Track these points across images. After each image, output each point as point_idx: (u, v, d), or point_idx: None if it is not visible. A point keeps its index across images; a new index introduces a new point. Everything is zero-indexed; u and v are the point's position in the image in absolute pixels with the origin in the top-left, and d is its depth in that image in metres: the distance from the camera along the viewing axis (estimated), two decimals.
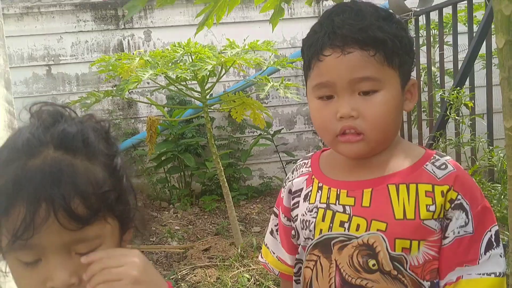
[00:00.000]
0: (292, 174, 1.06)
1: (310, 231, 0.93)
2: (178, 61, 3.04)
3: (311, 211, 0.94)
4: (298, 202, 0.99)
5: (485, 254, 0.85)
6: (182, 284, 2.90)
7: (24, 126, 0.71)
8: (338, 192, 0.92)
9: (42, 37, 4.76)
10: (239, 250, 3.24)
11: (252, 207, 4.59)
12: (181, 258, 3.33)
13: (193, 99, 4.18)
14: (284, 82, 3.22)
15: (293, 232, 1.01)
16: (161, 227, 4.02)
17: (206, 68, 2.87)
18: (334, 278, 0.90)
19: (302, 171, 1.03)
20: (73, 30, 4.79)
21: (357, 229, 0.88)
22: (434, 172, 0.88)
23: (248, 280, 2.84)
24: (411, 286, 0.86)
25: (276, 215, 1.09)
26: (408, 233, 0.85)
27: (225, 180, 3.43)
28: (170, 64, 3.03)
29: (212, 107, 3.88)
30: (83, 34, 4.82)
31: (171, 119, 4.45)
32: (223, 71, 3.30)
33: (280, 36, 4.93)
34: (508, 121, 1.02)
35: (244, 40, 3.22)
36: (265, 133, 4.89)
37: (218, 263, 3.12)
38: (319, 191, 0.95)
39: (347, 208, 0.90)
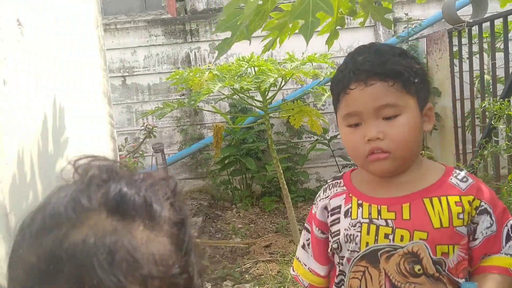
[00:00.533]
0: (325, 192, 1.14)
1: (356, 244, 1.03)
2: (243, 74, 3.36)
3: (355, 226, 1.03)
4: (338, 218, 1.08)
5: (505, 244, 1.02)
6: (246, 276, 3.21)
7: (66, 185, 0.54)
8: (379, 208, 1.02)
9: (118, 51, 5.26)
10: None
11: (309, 208, 4.81)
12: (244, 253, 3.65)
13: (253, 107, 4.50)
14: None
15: (334, 245, 1.08)
16: (225, 225, 4.37)
17: (269, 81, 3.17)
18: (384, 285, 1.01)
19: (336, 190, 1.11)
20: (146, 44, 5.25)
21: (401, 240, 0.99)
22: (458, 184, 1.02)
23: None
24: (449, 285, 1.00)
25: (308, 231, 1.17)
26: (445, 239, 0.98)
27: (285, 182, 3.71)
28: (236, 77, 3.35)
29: (271, 114, 4.18)
30: (154, 48, 5.28)
31: (234, 126, 4.78)
32: (283, 82, 3.59)
33: (337, 46, 5.16)
34: None
35: (303, 53, 3.50)
36: (322, 138, 5.13)
37: (279, 258, 3.41)
38: (360, 208, 1.04)
39: (389, 221, 1.00)
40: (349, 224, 1.04)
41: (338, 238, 1.07)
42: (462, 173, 1.04)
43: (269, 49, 2.06)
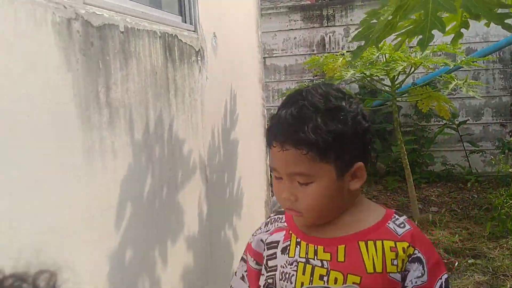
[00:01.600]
0: (266, 227, 1.12)
1: (291, 283, 1.01)
2: (374, 62, 3.68)
3: (291, 264, 1.01)
4: (275, 253, 1.06)
5: None
6: None
7: None
8: (316, 248, 1.00)
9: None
10: (416, 222, 3.80)
11: (432, 190, 5.02)
12: None
13: (382, 90, 4.77)
14: (468, 80, 3.62)
15: (269, 280, 1.07)
16: None
17: (397, 69, 3.46)
18: None
19: (277, 225, 1.09)
20: (285, 29, 5.76)
21: (335, 282, 0.97)
22: (395, 230, 0.99)
23: None
24: None
25: (245, 261, 1.15)
26: (378, 285, 0.95)
27: (408, 163, 3.99)
28: (367, 64, 3.69)
29: (399, 98, 4.43)
30: (292, 32, 5.76)
31: (366, 108, 5.11)
32: (412, 69, 3.83)
33: (473, 32, 5.15)
34: None
35: (434, 42, 3.70)
36: (451, 123, 5.21)
37: None
38: (298, 246, 1.02)
39: (325, 263, 0.98)
40: (286, 262, 1.03)
41: (274, 275, 1.06)
42: (401, 219, 1.02)
43: (398, 49, 2.41)
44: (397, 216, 1.03)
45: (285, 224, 1.08)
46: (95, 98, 1.21)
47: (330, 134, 0.92)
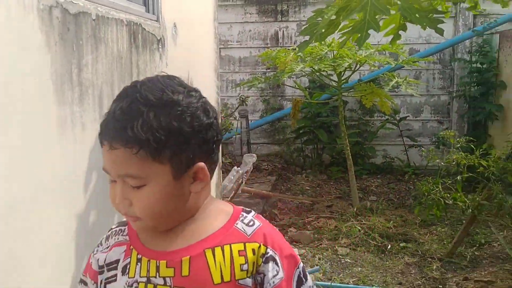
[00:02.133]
0: (107, 241, 0.99)
1: None
2: (323, 57, 3.93)
3: (131, 286, 0.90)
4: (115, 275, 0.93)
5: None
6: (308, 226, 3.86)
7: None
8: (158, 264, 0.89)
9: None
10: (355, 209, 4.10)
11: (372, 180, 5.36)
12: (309, 209, 4.30)
13: (329, 84, 5.05)
14: (408, 79, 3.94)
15: None
16: (294, 186, 5.03)
17: (343, 65, 3.72)
18: None
19: (118, 239, 0.97)
20: (241, 21, 5.93)
21: None
22: (244, 230, 0.91)
23: (359, 230, 3.70)
24: None
25: (85, 284, 1.00)
26: None
27: (350, 154, 4.28)
28: (316, 59, 3.93)
29: (346, 93, 4.73)
30: (247, 25, 5.94)
31: (310, 100, 5.38)
32: (358, 66, 4.11)
33: (416, 33, 5.51)
34: None
35: (378, 42, 3.99)
36: (392, 119, 5.57)
37: (337, 216, 4.02)
38: (139, 264, 0.91)
39: (168, 280, 0.88)
40: (126, 284, 0.91)
41: None
42: (249, 216, 0.94)
43: (342, 46, 2.64)
44: (245, 214, 0.95)
45: (127, 237, 0.96)
46: (69, 77, 1.35)
47: (163, 131, 0.82)
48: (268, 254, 0.89)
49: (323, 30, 2.06)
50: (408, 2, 1.94)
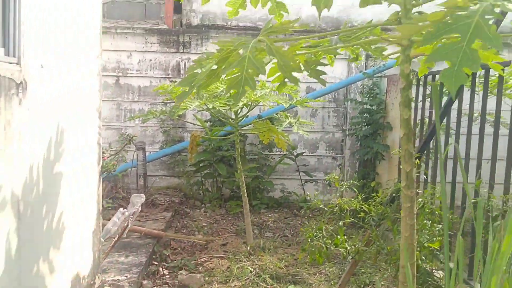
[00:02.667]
0: None
1: None
2: (219, 95, 3.90)
3: None
4: None
5: None
6: (200, 268, 3.76)
7: None
8: None
9: (115, 52, 5.78)
10: (248, 248, 4.07)
11: (270, 215, 5.40)
12: (203, 248, 4.20)
13: (227, 122, 5.04)
14: (300, 119, 4.03)
15: None
16: (191, 222, 4.91)
17: (238, 105, 3.72)
18: None
19: None
20: (141, 50, 5.78)
21: None
22: None
23: (251, 272, 3.66)
24: None
25: None
26: None
27: (245, 191, 4.27)
28: (212, 97, 3.90)
29: (246, 127, 4.76)
30: (148, 54, 5.80)
31: (208, 137, 5.33)
32: (254, 104, 4.14)
33: None
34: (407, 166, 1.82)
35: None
36: (290, 154, 5.69)
37: (231, 256, 3.96)
38: None
39: None
40: None
41: None
42: None
43: (230, 95, 2.61)
44: None
45: None
46: None
47: None
48: None
49: (200, 82, 2.01)
50: (285, 59, 1.96)
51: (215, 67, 2.04)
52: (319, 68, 2.41)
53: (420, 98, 4.00)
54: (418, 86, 4.23)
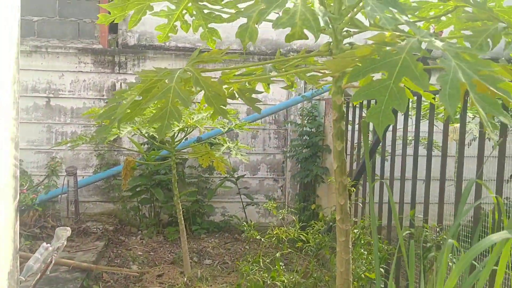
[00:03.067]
0: None
1: None
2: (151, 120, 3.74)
3: None
4: None
5: None
6: None
7: None
8: None
9: (46, 72, 5.48)
10: (185, 279, 3.90)
11: (210, 241, 5.24)
12: (137, 280, 3.98)
13: (163, 147, 4.88)
14: (238, 144, 3.95)
15: None
16: (126, 251, 4.67)
17: (173, 130, 3.59)
18: None
19: None
20: (74, 70, 5.52)
21: None
22: None
23: None
24: None
25: None
26: None
27: (182, 218, 4.10)
28: (146, 121, 3.73)
29: (185, 149, 4.63)
30: (82, 74, 5.55)
31: (144, 162, 5.14)
32: (190, 129, 4.02)
33: None
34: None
35: None
36: (231, 176, 5.59)
37: None
38: None
39: None
40: None
41: None
42: None
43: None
44: None
45: None
46: None
47: None
48: None
49: (128, 111, 1.88)
50: (213, 90, 1.86)
51: (139, 98, 1.91)
52: (255, 95, 2.35)
53: (357, 120, 4.04)
54: (355, 109, 4.27)
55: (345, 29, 1.83)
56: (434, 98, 2.52)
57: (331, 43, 1.89)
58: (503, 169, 2.39)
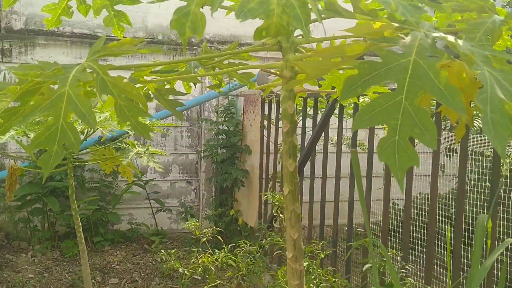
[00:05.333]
0: None
1: None
2: (42, 121, 3.10)
3: None
4: None
5: None
6: None
7: None
8: None
9: None
10: None
11: (116, 254, 4.65)
12: None
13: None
14: (149, 148, 3.42)
15: None
16: (14, 273, 3.94)
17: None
18: None
19: None
20: None
21: None
22: None
23: None
24: None
25: None
26: None
27: (82, 234, 3.48)
28: (36, 123, 3.08)
29: (84, 150, 3.98)
30: None
31: (32, 169, 4.39)
32: (92, 130, 3.41)
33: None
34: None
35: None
36: (138, 180, 5.00)
37: None
38: None
39: None
40: None
41: None
42: None
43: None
44: None
45: None
46: None
47: None
48: None
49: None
50: (127, 98, 1.36)
51: (15, 104, 1.37)
52: (173, 96, 1.88)
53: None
54: (270, 104, 3.93)
55: None
56: None
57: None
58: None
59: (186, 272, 2.43)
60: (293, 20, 0.78)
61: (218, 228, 4.62)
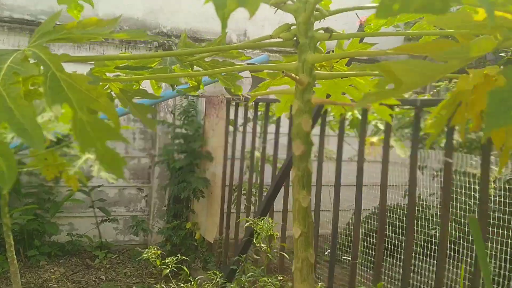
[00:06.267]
0: None
1: None
2: None
3: None
4: None
5: None
6: None
7: None
8: None
9: None
10: None
11: (53, 270, 4.10)
12: None
13: None
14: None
15: None
16: None
17: (7, 137, 2.46)
18: None
19: None
20: None
21: None
22: None
23: None
24: None
25: None
26: None
27: (12, 246, 2.95)
28: None
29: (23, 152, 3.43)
30: None
31: None
32: None
33: None
34: None
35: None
36: (83, 186, 4.46)
37: None
38: None
39: None
40: None
41: None
42: None
43: None
44: None
45: None
46: None
47: None
48: None
49: None
50: (90, 109, 0.94)
51: None
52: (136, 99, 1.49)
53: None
54: (237, 108, 3.57)
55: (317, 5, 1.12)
56: (391, 115, 1.90)
57: (293, 27, 1.15)
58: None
59: None
60: None
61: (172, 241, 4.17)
